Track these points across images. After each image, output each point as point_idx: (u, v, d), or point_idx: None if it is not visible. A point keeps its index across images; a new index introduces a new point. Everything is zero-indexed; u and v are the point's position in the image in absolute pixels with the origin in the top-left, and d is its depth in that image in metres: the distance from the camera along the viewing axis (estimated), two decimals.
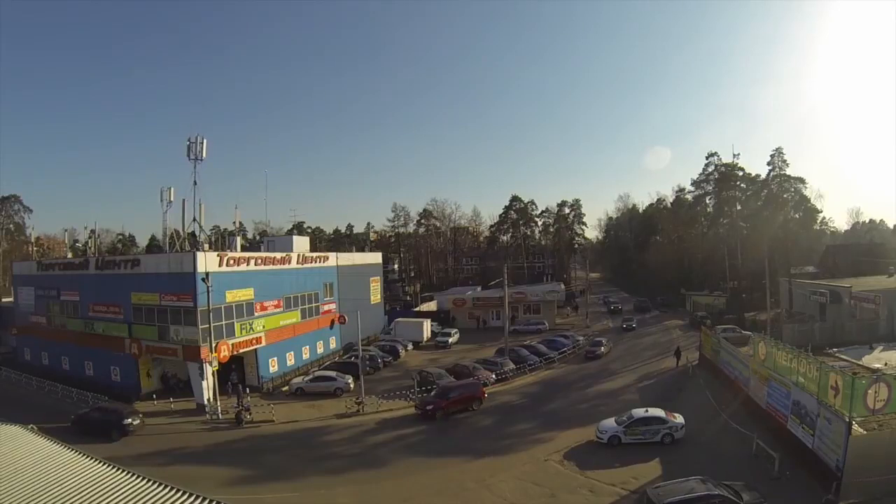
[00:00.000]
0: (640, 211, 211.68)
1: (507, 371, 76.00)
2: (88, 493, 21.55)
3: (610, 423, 49.41)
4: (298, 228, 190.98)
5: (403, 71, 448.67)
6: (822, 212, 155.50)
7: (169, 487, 21.43)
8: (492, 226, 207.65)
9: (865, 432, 35.52)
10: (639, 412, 49.32)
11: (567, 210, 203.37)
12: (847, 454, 33.66)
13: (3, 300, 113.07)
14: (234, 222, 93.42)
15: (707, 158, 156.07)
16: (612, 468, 42.74)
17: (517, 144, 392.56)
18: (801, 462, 39.03)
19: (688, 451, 44.80)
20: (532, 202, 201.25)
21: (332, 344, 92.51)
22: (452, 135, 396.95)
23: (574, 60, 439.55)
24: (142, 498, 20.75)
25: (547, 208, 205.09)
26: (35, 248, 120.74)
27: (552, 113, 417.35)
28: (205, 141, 74.72)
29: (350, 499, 40.43)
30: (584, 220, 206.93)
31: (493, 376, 73.43)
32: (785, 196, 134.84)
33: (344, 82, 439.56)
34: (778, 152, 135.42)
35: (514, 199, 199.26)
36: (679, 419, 48.28)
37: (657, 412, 49.10)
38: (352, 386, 70.30)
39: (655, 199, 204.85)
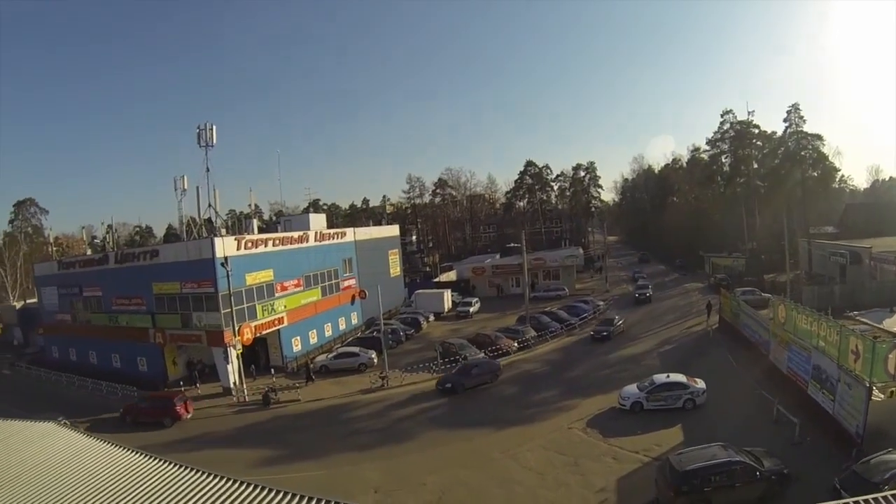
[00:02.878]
0: (656, 172, 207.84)
1: (529, 339, 76.12)
2: (122, 482, 21.94)
3: (632, 389, 49.69)
4: (314, 206, 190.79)
5: (409, 39, 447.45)
6: (840, 170, 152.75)
7: (199, 471, 21.83)
8: (507, 192, 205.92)
9: (886, 397, 35.48)
10: (660, 378, 49.45)
11: (582, 173, 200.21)
12: (867, 420, 33.82)
13: (28, 302, 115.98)
14: (250, 205, 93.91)
15: (722, 116, 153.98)
16: (634, 435, 43.06)
17: (529, 109, 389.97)
18: (822, 428, 39.10)
19: (709, 417, 44.97)
20: (547, 167, 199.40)
21: (354, 319, 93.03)
22: (463, 102, 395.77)
23: (584, 20, 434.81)
24: (173, 483, 21.12)
25: (562, 172, 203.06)
26: (54, 248, 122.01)
27: (564, 76, 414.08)
28: (214, 127, 74.63)
29: (377, 474, 40.87)
30: (600, 182, 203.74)
31: (515, 345, 73.71)
32: (802, 153, 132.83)
33: (349, 55, 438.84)
34: (794, 108, 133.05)
35: (529, 164, 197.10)
36: (700, 384, 48.43)
37: (679, 378, 49.24)
38: (375, 361, 70.87)
39: (670, 160, 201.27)
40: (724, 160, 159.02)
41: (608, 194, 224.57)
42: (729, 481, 30.76)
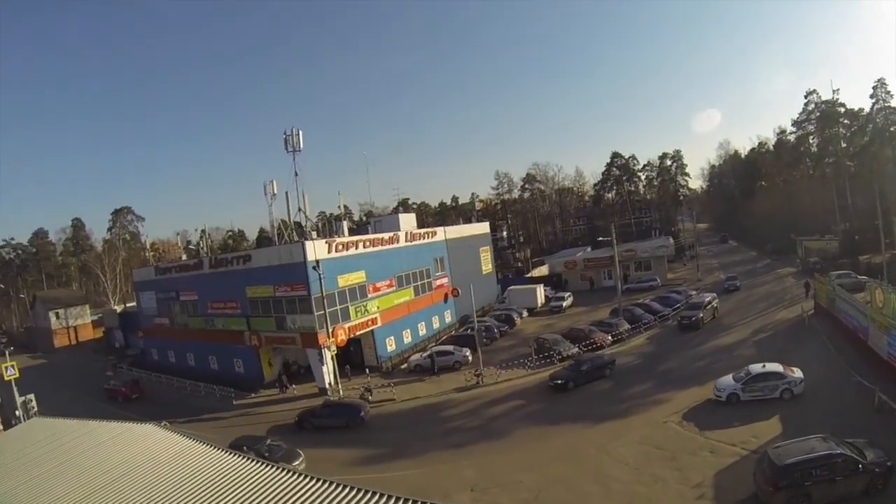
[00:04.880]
0: (743, 157, 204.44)
1: (623, 332, 75.86)
2: (221, 482, 22.59)
3: (727, 380, 49.16)
4: (403, 205, 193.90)
5: (493, 29, 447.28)
6: None
7: (296, 473, 22.39)
8: (595, 184, 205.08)
9: None
10: (756, 368, 48.74)
11: (669, 162, 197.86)
12: None
13: (128, 306, 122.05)
14: (339, 206, 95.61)
15: (806, 97, 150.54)
16: (731, 427, 42.52)
17: (612, 100, 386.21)
18: None
19: (808, 407, 44.08)
20: (633, 157, 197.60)
21: (448, 318, 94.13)
22: (548, 94, 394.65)
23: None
24: (270, 484, 21.65)
25: (648, 162, 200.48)
26: (151, 254, 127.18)
27: (643, 63, 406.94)
28: (300, 133, 77.66)
29: (473, 472, 41.58)
30: (687, 170, 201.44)
31: (609, 338, 73.48)
32: (892, 129, 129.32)
33: (427, 51, 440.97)
34: (881, 83, 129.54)
35: (615, 155, 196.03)
36: (798, 373, 47.59)
37: (775, 367, 48.43)
38: (470, 358, 71.49)
39: (756, 143, 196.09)
40: (811, 141, 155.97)
41: (696, 181, 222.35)
42: (830, 475, 30.25)
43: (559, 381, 59.48)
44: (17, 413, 62.22)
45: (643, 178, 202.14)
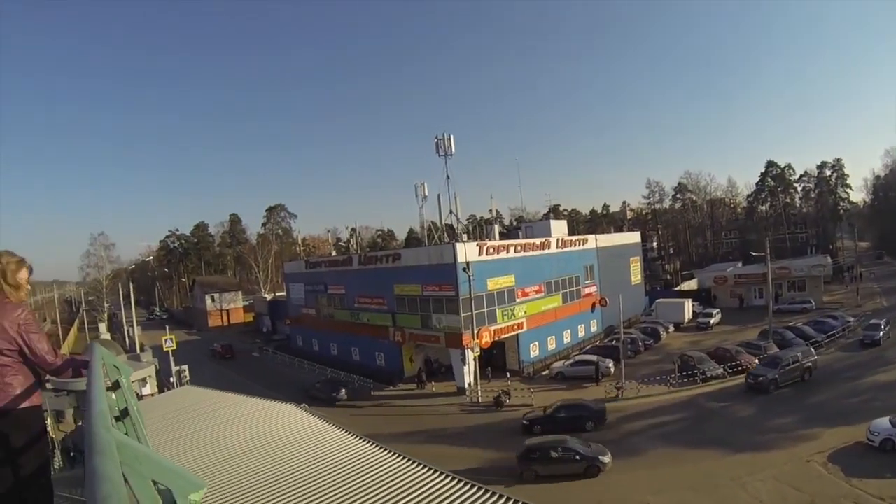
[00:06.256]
0: None
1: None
2: (353, 464, 23.32)
3: (883, 423, 45.56)
4: (554, 212, 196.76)
5: (654, 33, 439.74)
6: None
7: (430, 469, 22.76)
8: (748, 195, 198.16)
9: None
10: None
11: (828, 172, 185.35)
12: None
13: (277, 295, 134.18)
14: (491, 210, 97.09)
15: None
16: (882, 478, 38.91)
17: (770, 105, 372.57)
18: None
19: None
20: (789, 166, 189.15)
21: (594, 327, 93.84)
22: (701, 99, 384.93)
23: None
24: (398, 474, 22.12)
25: (806, 171, 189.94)
26: (302, 248, 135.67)
27: (802, 66, 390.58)
28: (452, 137, 79.86)
29: (601, 487, 41.88)
30: (849, 181, 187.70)
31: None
32: None
33: (582, 61, 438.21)
34: None
35: (770, 164, 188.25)
36: None
37: None
38: (612, 370, 71.31)
39: None
40: None
41: (858, 194, 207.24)
42: None
43: (525, 423, 55.83)
44: (171, 380, 68.62)
45: (799, 189, 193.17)
